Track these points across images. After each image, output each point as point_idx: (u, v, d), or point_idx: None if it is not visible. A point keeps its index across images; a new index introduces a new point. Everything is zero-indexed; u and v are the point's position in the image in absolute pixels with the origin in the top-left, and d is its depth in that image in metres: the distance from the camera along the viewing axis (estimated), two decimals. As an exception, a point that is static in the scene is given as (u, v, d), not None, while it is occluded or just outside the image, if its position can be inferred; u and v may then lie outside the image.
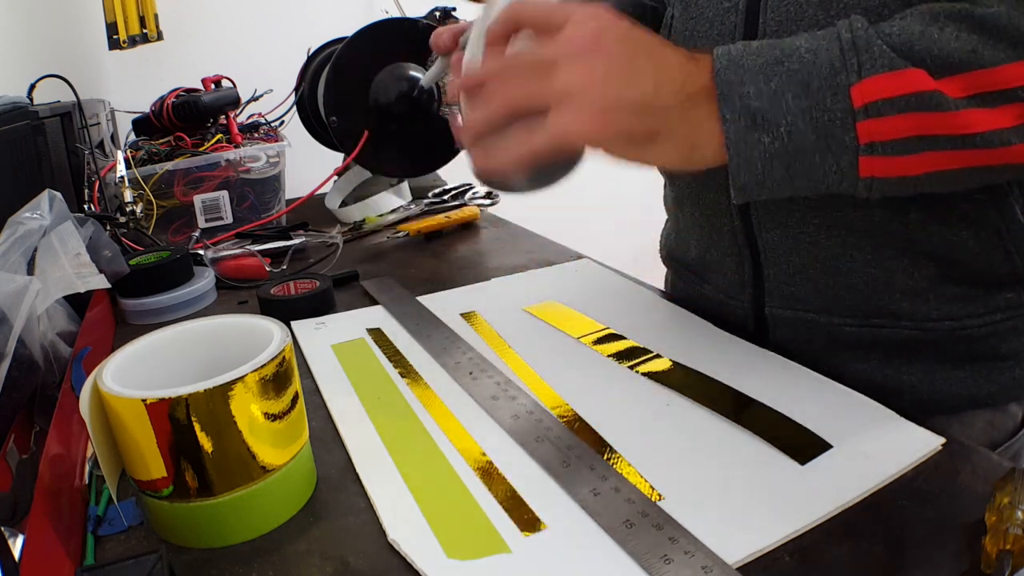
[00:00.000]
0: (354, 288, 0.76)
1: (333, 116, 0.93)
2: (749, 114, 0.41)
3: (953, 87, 0.39)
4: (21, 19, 1.14)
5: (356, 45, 0.93)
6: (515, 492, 0.40)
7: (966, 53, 0.39)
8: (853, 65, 0.40)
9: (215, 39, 1.74)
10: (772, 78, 0.41)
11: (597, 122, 0.40)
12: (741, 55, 0.42)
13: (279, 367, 0.39)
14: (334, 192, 1.08)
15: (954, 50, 0.39)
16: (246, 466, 0.38)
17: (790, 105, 0.40)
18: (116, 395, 0.36)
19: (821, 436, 0.42)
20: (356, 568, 0.36)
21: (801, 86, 0.40)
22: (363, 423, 0.48)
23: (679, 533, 0.35)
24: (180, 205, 0.94)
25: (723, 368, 0.51)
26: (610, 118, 0.40)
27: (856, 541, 0.35)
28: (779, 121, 0.40)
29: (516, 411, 0.48)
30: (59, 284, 0.56)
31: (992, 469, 0.40)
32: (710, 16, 0.57)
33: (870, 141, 0.40)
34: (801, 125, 0.40)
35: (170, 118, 1.01)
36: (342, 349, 0.60)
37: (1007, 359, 0.53)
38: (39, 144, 0.81)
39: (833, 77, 0.40)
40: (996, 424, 0.56)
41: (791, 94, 0.40)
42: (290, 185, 1.07)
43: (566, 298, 0.67)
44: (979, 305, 0.52)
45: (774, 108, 0.40)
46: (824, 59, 0.40)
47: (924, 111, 0.40)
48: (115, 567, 0.35)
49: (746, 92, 0.41)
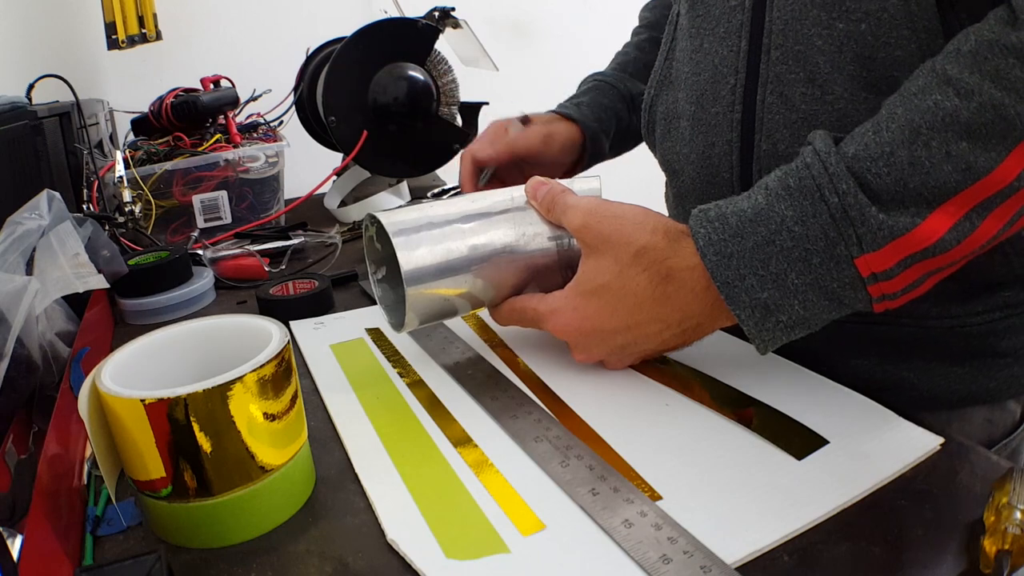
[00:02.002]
0: (353, 288, 0.76)
1: (332, 116, 0.93)
2: (760, 305, 0.42)
3: (953, 209, 0.39)
4: (20, 19, 1.14)
5: (355, 45, 0.93)
6: (514, 492, 0.40)
7: (960, 173, 0.39)
8: (851, 238, 0.40)
9: (214, 39, 1.74)
10: (768, 262, 0.41)
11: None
12: (724, 241, 0.42)
13: (278, 367, 0.38)
14: (333, 192, 1.08)
15: (948, 175, 0.39)
16: (245, 466, 0.38)
17: (796, 284, 0.41)
18: (115, 395, 0.36)
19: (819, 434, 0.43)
20: (355, 568, 0.36)
21: (801, 263, 0.41)
22: (362, 423, 0.48)
23: (678, 533, 0.35)
24: (179, 205, 0.94)
25: (721, 367, 0.51)
26: (623, 363, 0.51)
27: (855, 541, 0.35)
28: (790, 302, 0.42)
29: (515, 411, 0.48)
30: (58, 284, 0.56)
31: (991, 469, 0.40)
32: (716, 14, 0.57)
33: (881, 294, 0.41)
34: (812, 297, 0.41)
35: (169, 118, 1.01)
36: (341, 349, 0.60)
37: (1005, 356, 0.54)
38: (38, 144, 0.81)
39: (831, 249, 0.40)
40: (994, 420, 0.56)
41: (794, 273, 0.41)
42: (289, 185, 1.07)
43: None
44: (978, 303, 0.52)
45: (782, 292, 0.41)
46: (816, 231, 0.40)
47: (929, 258, 0.40)
48: (114, 567, 0.35)
49: (749, 286, 0.42)
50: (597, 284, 0.48)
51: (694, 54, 0.60)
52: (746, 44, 0.54)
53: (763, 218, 0.42)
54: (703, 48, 0.59)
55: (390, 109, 0.93)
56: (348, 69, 0.93)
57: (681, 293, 0.45)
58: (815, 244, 0.40)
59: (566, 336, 0.50)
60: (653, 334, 0.48)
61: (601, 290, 0.48)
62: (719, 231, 0.43)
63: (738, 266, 0.42)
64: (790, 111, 0.52)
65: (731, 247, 0.42)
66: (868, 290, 0.41)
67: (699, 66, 0.59)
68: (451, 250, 0.50)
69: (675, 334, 0.48)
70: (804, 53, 0.50)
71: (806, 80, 0.51)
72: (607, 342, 0.49)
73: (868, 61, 0.48)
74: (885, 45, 0.47)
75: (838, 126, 0.50)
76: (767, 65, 0.53)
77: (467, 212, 0.52)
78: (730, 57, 0.56)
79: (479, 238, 0.51)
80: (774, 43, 0.52)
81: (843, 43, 0.49)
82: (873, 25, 0.47)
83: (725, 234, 0.42)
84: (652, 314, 0.47)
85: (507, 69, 1.16)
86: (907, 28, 0.47)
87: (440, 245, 0.50)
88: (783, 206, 0.41)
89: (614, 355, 0.50)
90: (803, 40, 0.50)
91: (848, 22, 0.48)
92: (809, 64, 0.50)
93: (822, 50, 0.50)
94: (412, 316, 0.51)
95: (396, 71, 0.94)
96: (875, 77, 0.48)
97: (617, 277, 0.47)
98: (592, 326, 0.49)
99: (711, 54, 0.58)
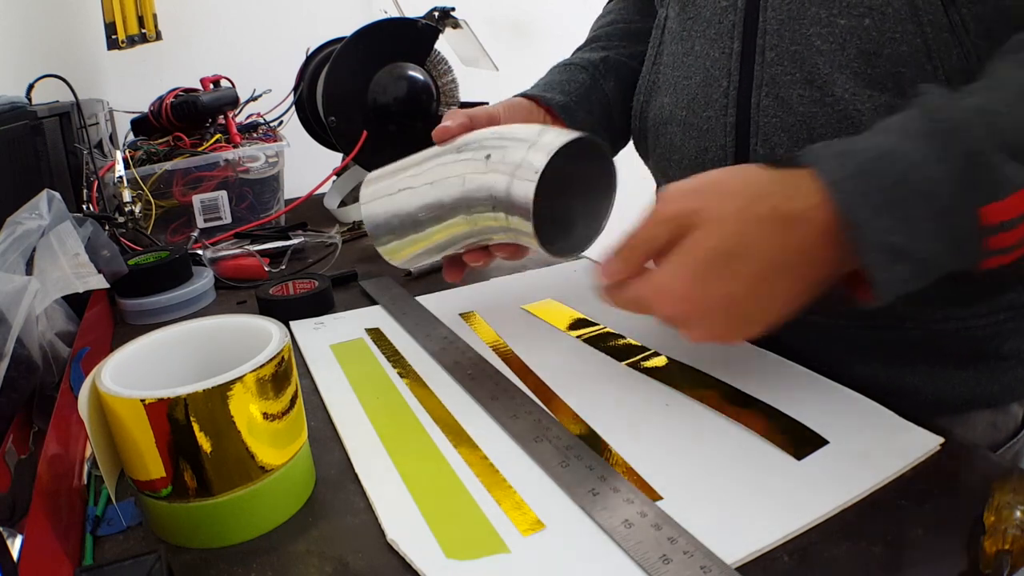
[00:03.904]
0: (353, 288, 0.76)
1: (332, 116, 0.93)
2: (888, 249, 0.39)
3: None
4: (20, 19, 1.14)
5: (355, 45, 0.93)
6: (514, 492, 0.40)
7: None
8: (978, 184, 0.38)
9: (214, 39, 1.74)
10: (899, 203, 0.38)
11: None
12: (853, 178, 0.39)
13: (278, 367, 0.38)
14: (333, 192, 1.08)
15: None
16: (245, 466, 0.38)
17: (924, 229, 0.39)
18: (115, 395, 0.36)
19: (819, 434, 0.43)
20: (355, 568, 0.36)
21: (929, 209, 0.39)
22: (362, 423, 0.48)
23: (678, 533, 0.35)
24: (179, 205, 0.94)
25: (721, 367, 0.51)
26: (749, 333, 0.43)
27: (855, 541, 0.35)
28: (917, 247, 0.39)
29: (515, 410, 0.48)
30: (58, 284, 0.56)
31: (991, 469, 0.40)
32: (707, 16, 0.57)
33: (998, 248, 0.39)
34: (936, 247, 0.39)
35: (169, 118, 1.01)
36: (341, 349, 0.60)
37: (1009, 359, 0.53)
38: (38, 144, 0.81)
39: (960, 195, 0.38)
40: (998, 424, 0.56)
41: (922, 217, 0.39)
42: (289, 185, 1.07)
43: (565, 297, 0.67)
44: (982, 306, 0.52)
45: (910, 238, 0.39)
46: (944, 175, 0.38)
47: None
48: (114, 567, 0.35)
49: (882, 227, 0.39)
50: (708, 248, 0.40)
51: (684, 57, 0.59)
52: (739, 45, 0.54)
53: (891, 158, 0.39)
54: (694, 51, 0.58)
55: (390, 109, 0.93)
56: (348, 69, 0.93)
57: (808, 237, 0.40)
58: (942, 188, 0.38)
59: (680, 315, 0.43)
60: (781, 293, 0.41)
61: (714, 254, 0.40)
62: (846, 167, 0.39)
63: (872, 204, 0.38)
64: (787, 113, 0.51)
65: (862, 185, 0.38)
66: (988, 241, 0.39)
67: (690, 69, 0.59)
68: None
69: (803, 289, 0.41)
70: (801, 53, 0.50)
71: (803, 81, 0.50)
72: (731, 313, 0.41)
73: (873, 57, 0.48)
74: (891, 40, 0.47)
75: (838, 128, 0.49)
76: (762, 67, 0.52)
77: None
78: (722, 59, 0.55)
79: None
80: (769, 44, 0.52)
81: (846, 40, 0.48)
82: (877, 20, 0.47)
83: (854, 171, 0.39)
84: (780, 269, 0.40)
85: (507, 69, 1.16)
86: (912, 23, 0.46)
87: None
88: (910, 147, 0.39)
89: (736, 327, 0.43)
90: (801, 40, 0.50)
91: (850, 18, 0.48)
92: (807, 64, 0.50)
93: (821, 50, 0.49)
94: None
95: (396, 71, 0.94)
96: (880, 74, 0.48)
97: (731, 235, 0.40)
98: (712, 299, 0.41)
99: (702, 57, 0.57)
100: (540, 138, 0.49)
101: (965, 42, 0.46)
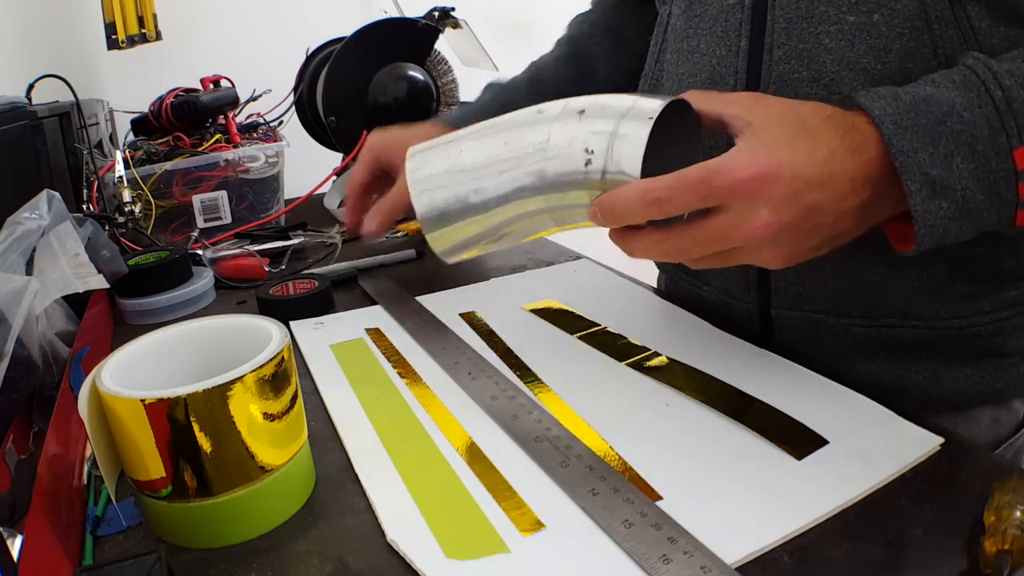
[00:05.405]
0: (353, 288, 0.76)
1: (332, 116, 0.93)
2: (928, 182, 0.41)
3: None
4: (20, 19, 1.14)
5: (355, 45, 0.93)
6: (514, 492, 0.40)
7: None
8: (1012, 129, 0.41)
9: (214, 39, 1.74)
10: (939, 141, 0.41)
11: (773, 264, 0.44)
12: (899, 114, 0.42)
13: (278, 367, 0.38)
14: (333, 192, 1.08)
15: None
16: (245, 466, 0.38)
17: (961, 169, 0.41)
18: (115, 395, 0.36)
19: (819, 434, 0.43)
20: (355, 568, 0.36)
21: (967, 148, 0.41)
22: (362, 423, 0.48)
23: (678, 533, 0.35)
24: (179, 205, 0.94)
25: (721, 367, 0.51)
26: (789, 260, 0.44)
27: (854, 541, 0.35)
28: (955, 186, 0.41)
29: (515, 411, 0.48)
30: (58, 284, 0.56)
31: (991, 469, 0.40)
32: (713, 13, 0.56)
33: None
34: (972, 186, 0.41)
35: (169, 118, 1.01)
36: (341, 349, 0.60)
37: (1012, 355, 0.54)
38: (38, 144, 0.81)
39: (995, 138, 0.41)
40: (1000, 420, 0.56)
41: (960, 157, 0.41)
42: (289, 185, 1.07)
43: (565, 297, 0.67)
44: (986, 303, 0.52)
45: (949, 173, 0.41)
46: (982, 120, 0.41)
47: None
48: (114, 567, 0.35)
49: (922, 160, 0.41)
50: (781, 124, 0.42)
51: (689, 55, 0.59)
52: (746, 43, 0.54)
53: (935, 101, 0.42)
54: (699, 49, 0.58)
55: (390, 109, 0.93)
56: (348, 69, 0.93)
57: (865, 148, 0.42)
58: (980, 131, 0.41)
59: (744, 186, 0.41)
60: (842, 196, 0.41)
61: (787, 130, 0.42)
62: (893, 105, 0.42)
63: (912, 138, 0.41)
64: None
65: (906, 120, 0.42)
66: (1019, 187, 0.41)
67: (695, 67, 0.58)
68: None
69: (855, 206, 0.42)
70: (809, 51, 0.50)
71: (811, 79, 0.50)
72: (798, 195, 0.41)
73: (883, 53, 0.48)
74: (899, 36, 0.47)
75: None
76: (769, 65, 0.52)
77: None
78: (729, 57, 0.55)
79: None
80: (776, 42, 0.52)
81: (855, 37, 0.48)
82: (887, 15, 0.47)
83: (900, 108, 0.42)
84: (844, 165, 0.41)
85: (507, 69, 1.16)
86: (920, 19, 0.47)
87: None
88: (952, 93, 0.42)
89: (799, 218, 0.41)
90: (809, 38, 0.50)
91: (859, 14, 0.48)
92: (815, 63, 0.50)
93: (829, 48, 0.49)
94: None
95: (396, 71, 0.94)
96: (889, 70, 0.48)
97: (803, 122, 0.42)
98: (783, 167, 0.41)
99: (708, 55, 0.57)
100: (637, 102, 0.45)
101: (970, 38, 0.46)
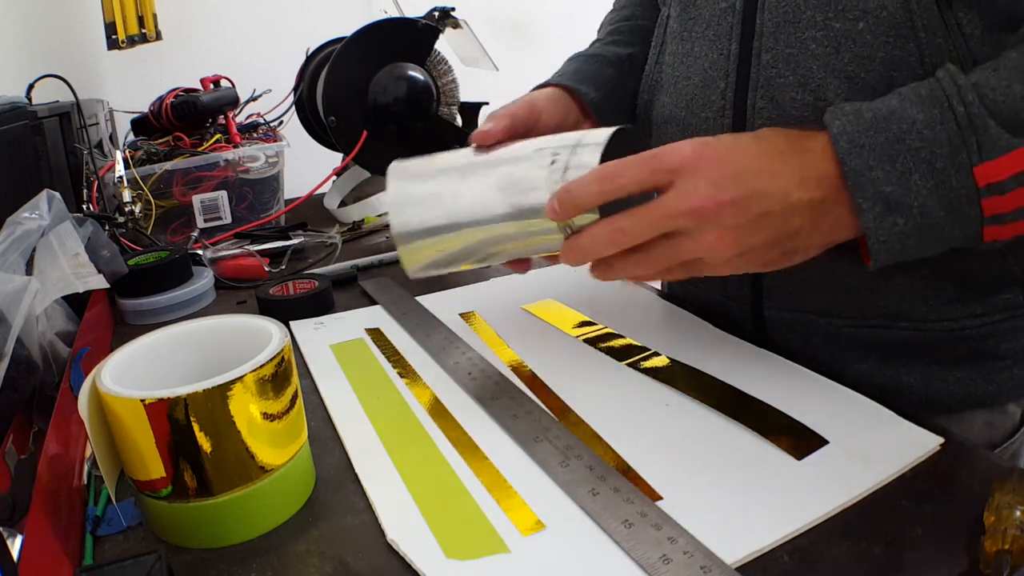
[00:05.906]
0: (353, 288, 0.76)
1: (332, 116, 0.93)
2: (882, 199, 0.42)
3: None
4: (20, 19, 1.14)
5: (355, 45, 0.93)
6: (514, 492, 0.40)
7: None
8: (973, 146, 0.41)
9: (214, 39, 1.74)
10: (896, 159, 0.42)
11: (733, 268, 0.45)
12: (858, 132, 0.43)
13: (278, 367, 0.38)
14: (333, 192, 1.08)
15: None
16: (245, 466, 0.38)
17: (918, 185, 0.42)
18: (115, 395, 0.36)
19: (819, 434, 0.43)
20: (355, 568, 0.36)
21: (926, 165, 0.41)
22: (362, 423, 0.48)
23: (678, 533, 0.35)
24: (179, 205, 0.94)
25: (721, 366, 0.51)
26: (746, 260, 0.45)
27: (854, 541, 0.35)
28: (911, 203, 0.42)
29: (515, 410, 0.48)
30: (58, 284, 0.56)
31: (990, 469, 0.40)
32: (707, 17, 0.57)
33: (993, 214, 0.42)
34: (930, 203, 0.42)
35: (169, 118, 1.01)
36: (341, 349, 0.60)
37: (1005, 359, 0.53)
38: (38, 144, 0.81)
39: (954, 155, 0.41)
40: (995, 424, 0.56)
41: (918, 174, 0.42)
42: (289, 185, 1.07)
43: (565, 297, 0.67)
44: (977, 306, 0.52)
45: (905, 191, 0.42)
46: (942, 136, 0.41)
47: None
48: (114, 567, 0.35)
49: (876, 177, 0.42)
50: (729, 136, 0.46)
51: (684, 58, 0.60)
52: (736, 47, 0.54)
53: (896, 118, 0.42)
54: (693, 52, 0.59)
55: (390, 109, 0.93)
56: (348, 69, 0.93)
57: (814, 161, 0.44)
58: (940, 149, 0.41)
59: (689, 162, 0.43)
60: (788, 188, 0.43)
61: (735, 138, 0.46)
62: (853, 123, 0.43)
63: (868, 157, 0.42)
64: (781, 116, 0.52)
65: (863, 139, 0.42)
66: (981, 204, 0.41)
67: (689, 70, 0.59)
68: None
69: (805, 201, 0.43)
70: (796, 56, 0.50)
71: (797, 84, 0.51)
72: (740, 177, 0.43)
73: (866, 61, 0.48)
74: (884, 44, 0.47)
75: None
76: (758, 69, 0.53)
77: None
78: (720, 61, 0.55)
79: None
80: (765, 46, 0.52)
81: (840, 43, 0.49)
82: (872, 23, 0.47)
83: (859, 126, 0.43)
84: (792, 164, 0.44)
85: (507, 69, 1.16)
86: (906, 27, 0.46)
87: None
88: (915, 110, 0.42)
89: (741, 198, 0.42)
90: (795, 43, 0.50)
91: (845, 21, 0.48)
92: (801, 68, 0.50)
93: (815, 53, 0.50)
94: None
95: (396, 71, 0.94)
96: (873, 78, 0.48)
97: (757, 135, 0.46)
98: (728, 153, 0.44)
99: (701, 58, 0.57)
100: (584, 136, 0.48)
101: (960, 46, 0.46)
